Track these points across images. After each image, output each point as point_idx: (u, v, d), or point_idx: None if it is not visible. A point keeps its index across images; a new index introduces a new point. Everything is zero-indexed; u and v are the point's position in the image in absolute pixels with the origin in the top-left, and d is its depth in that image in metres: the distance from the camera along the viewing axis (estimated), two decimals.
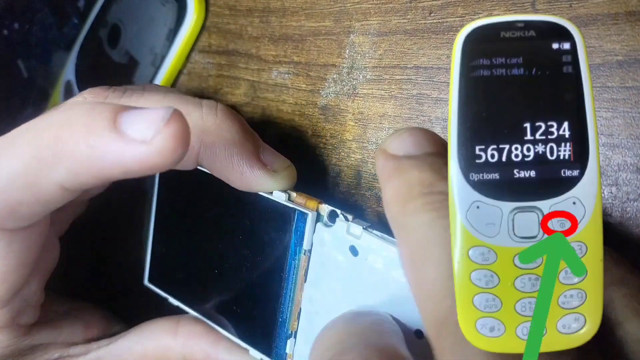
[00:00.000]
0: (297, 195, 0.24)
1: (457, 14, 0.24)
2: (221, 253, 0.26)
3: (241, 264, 0.26)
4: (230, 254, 0.26)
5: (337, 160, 0.28)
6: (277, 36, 0.30)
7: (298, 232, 0.23)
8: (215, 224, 0.27)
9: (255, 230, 0.25)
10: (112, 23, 0.36)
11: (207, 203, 0.27)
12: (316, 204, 0.23)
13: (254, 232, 0.25)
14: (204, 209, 0.27)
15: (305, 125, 0.29)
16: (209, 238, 0.27)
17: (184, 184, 0.28)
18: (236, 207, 0.25)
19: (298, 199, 0.24)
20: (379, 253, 0.21)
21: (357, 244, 0.22)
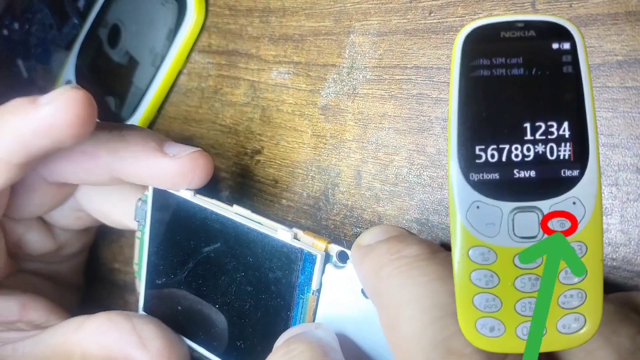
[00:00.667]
0: (304, 233, 0.23)
1: (457, 14, 0.24)
2: (222, 288, 0.26)
3: (244, 301, 0.25)
4: (232, 290, 0.26)
5: (337, 160, 0.28)
6: (277, 36, 0.30)
7: (305, 273, 0.23)
8: (215, 259, 0.26)
9: (259, 267, 0.24)
10: (112, 23, 0.36)
11: (206, 237, 0.26)
12: (325, 243, 0.23)
13: (258, 269, 0.24)
14: (202, 243, 0.27)
15: (305, 125, 0.29)
16: (209, 272, 0.26)
17: (181, 217, 0.27)
18: (238, 244, 0.25)
19: (305, 238, 0.23)
20: None
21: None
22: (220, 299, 0.26)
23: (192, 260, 0.27)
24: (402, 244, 0.18)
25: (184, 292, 0.28)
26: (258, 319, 0.25)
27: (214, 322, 0.27)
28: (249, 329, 0.25)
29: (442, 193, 0.25)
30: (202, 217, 0.26)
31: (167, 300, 0.29)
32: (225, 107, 0.32)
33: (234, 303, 0.26)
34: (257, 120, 0.31)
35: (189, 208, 0.26)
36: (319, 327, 0.22)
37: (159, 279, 0.29)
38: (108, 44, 0.36)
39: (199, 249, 0.27)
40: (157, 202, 0.28)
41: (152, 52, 0.34)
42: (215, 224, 0.26)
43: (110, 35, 0.36)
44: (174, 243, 0.28)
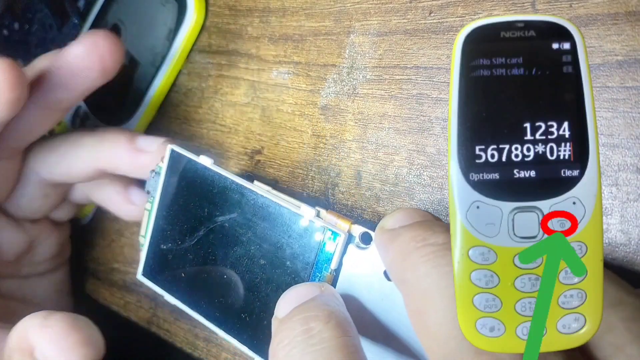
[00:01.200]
0: (327, 212, 0.23)
1: (457, 14, 0.24)
2: (234, 259, 0.26)
3: (256, 274, 0.25)
4: (243, 262, 0.25)
5: (337, 160, 0.28)
6: (277, 36, 0.30)
7: (325, 251, 0.23)
8: (229, 229, 0.26)
9: (276, 242, 0.24)
10: (112, 23, 0.36)
11: (222, 206, 0.26)
12: (349, 224, 0.23)
13: (275, 244, 0.24)
14: (217, 212, 0.26)
15: (305, 125, 0.29)
16: (221, 242, 0.26)
17: (196, 184, 0.27)
18: (256, 216, 0.25)
19: (328, 217, 0.23)
20: None
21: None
22: (230, 269, 0.26)
23: (204, 228, 0.27)
24: (428, 231, 0.18)
25: (191, 259, 0.27)
26: (268, 293, 0.25)
27: (220, 293, 0.26)
28: (256, 302, 0.25)
29: (442, 193, 0.25)
30: (221, 186, 0.26)
31: (170, 266, 0.28)
32: (225, 107, 0.32)
33: (245, 275, 0.25)
34: (257, 120, 0.31)
35: (207, 176, 0.26)
36: (325, 289, 0.21)
37: (164, 244, 0.28)
38: None
39: (212, 217, 0.26)
40: (172, 169, 0.28)
41: (152, 52, 0.34)
42: (234, 194, 0.25)
43: None
44: (186, 209, 0.27)
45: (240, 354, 0.32)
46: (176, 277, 0.28)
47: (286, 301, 0.21)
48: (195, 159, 0.26)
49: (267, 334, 0.24)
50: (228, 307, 0.26)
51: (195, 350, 0.34)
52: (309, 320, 0.19)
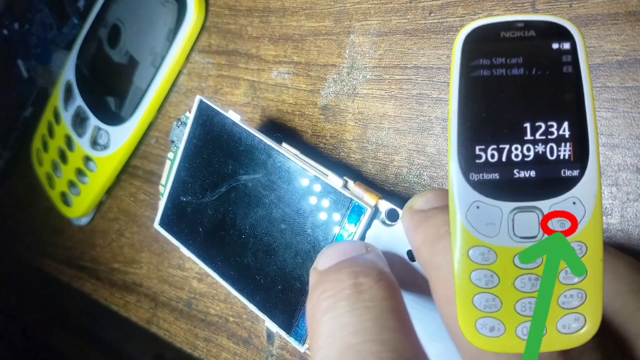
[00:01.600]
0: (355, 184, 0.22)
1: (457, 14, 0.24)
2: (253, 220, 0.25)
3: (275, 238, 0.24)
4: (263, 224, 0.25)
5: (337, 160, 0.28)
6: (277, 36, 0.30)
7: (349, 223, 0.22)
8: (252, 189, 0.25)
9: (299, 208, 0.23)
10: (112, 23, 0.36)
11: (247, 165, 0.25)
12: (376, 198, 0.22)
13: (298, 210, 0.23)
14: (242, 170, 0.25)
15: (305, 125, 0.29)
16: (242, 201, 0.25)
17: (223, 139, 0.26)
18: (281, 179, 0.24)
19: (356, 189, 0.22)
20: None
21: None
22: (249, 230, 0.25)
23: (226, 185, 0.26)
24: None
25: (210, 215, 0.27)
26: (285, 258, 0.24)
27: (236, 252, 0.26)
28: (272, 265, 0.24)
29: None
30: (247, 144, 0.25)
31: (188, 219, 0.28)
32: (225, 107, 0.32)
33: (263, 237, 0.25)
34: (257, 120, 0.31)
35: (234, 132, 0.25)
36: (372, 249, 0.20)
37: (184, 196, 0.28)
38: (108, 44, 0.36)
39: (236, 175, 0.26)
40: (199, 120, 0.27)
41: (152, 52, 0.34)
42: (260, 154, 0.25)
43: (110, 35, 0.36)
44: (209, 164, 0.26)
45: (240, 354, 0.32)
46: (193, 230, 0.27)
47: (330, 254, 0.19)
48: (224, 112, 0.26)
49: (281, 297, 0.24)
50: (243, 267, 0.25)
51: (195, 350, 0.34)
52: (358, 274, 0.18)
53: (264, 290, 0.25)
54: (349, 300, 0.17)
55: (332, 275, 0.18)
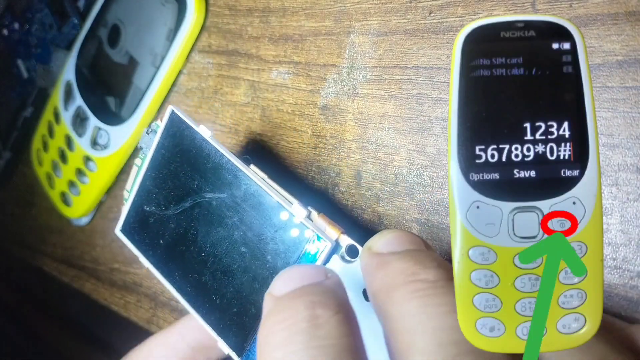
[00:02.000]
0: (319, 216, 0.22)
1: (457, 14, 0.24)
2: (215, 239, 0.25)
3: (234, 260, 0.24)
4: (224, 245, 0.25)
5: (337, 160, 0.28)
6: (277, 36, 0.30)
7: (308, 255, 0.22)
8: (216, 208, 0.25)
9: (261, 234, 0.24)
10: (112, 23, 0.36)
11: (213, 183, 0.25)
12: (338, 233, 0.22)
13: (259, 235, 0.24)
14: (207, 187, 0.25)
15: (305, 125, 0.29)
16: (205, 219, 0.25)
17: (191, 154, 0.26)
18: (246, 202, 0.24)
19: (319, 221, 0.22)
20: None
21: None
22: (209, 248, 0.25)
23: (191, 200, 0.26)
24: (419, 265, 0.17)
25: (172, 228, 0.26)
26: (243, 282, 0.24)
27: (195, 269, 0.26)
28: (230, 287, 0.24)
29: (442, 193, 0.25)
30: (215, 162, 0.25)
31: (150, 230, 0.27)
32: (225, 107, 0.32)
33: (223, 258, 0.24)
34: (257, 120, 0.31)
35: (203, 148, 0.25)
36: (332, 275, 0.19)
37: (148, 206, 0.27)
38: (108, 44, 0.36)
39: (201, 191, 0.25)
40: (169, 131, 0.26)
41: (152, 52, 0.34)
42: (227, 174, 0.24)
43: (110, 35, 0.36)
44: (175, 176, 0.26)
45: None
46: (154, 241, 0.27)
47: (287, 278, 0.18)
48: (194, 127, 0.25)
49: (235, 320, 0.24)
50: (201, 285, 0.25)
51: None
52: (315, 305, 0.17)
53: (219, 310, 0.25)
54: (304, 336, 0.16)
55: (287, 303, 0.17)
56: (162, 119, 0.27)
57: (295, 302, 0.17)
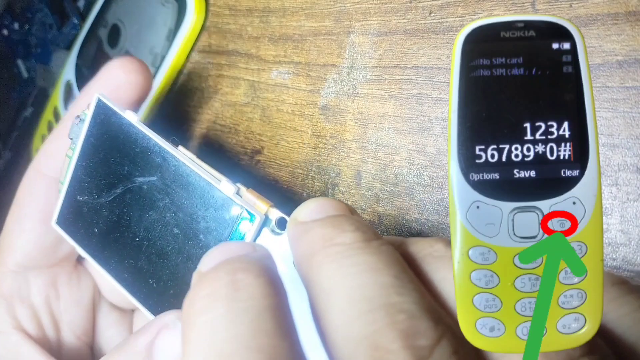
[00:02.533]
0: (247, 191, 0.23)
1: (457, 14, 0.24)
2: (147, 223, 0.25)
3: (168, 242, 0.24)
4: (157, 228, 0.25)
5: (337, 160, 0.28)
6: (277, 36, 0.30)
7: (239, 231, 0.22)
8: (147, 192, 0.25)
9: (192, 213, 0.24)
10: (112, 23, 0.36)
11: (142, 167, 0.25)
12: (267, 206, 0.22)
13: (191, 215, 0.24)
14: (137, 172, 0.25)
15: (305, 125, 0.29)
16: (137, 203, 0.25)
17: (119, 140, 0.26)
18: (175, 183, 0.24)
19: (248, 196, 0.23)
20: None
21: None
22: (143, 233, 0.25)
23: (122, 186, 0.26)
24: (337, 230, 0.17)
25: (105, 216, 0.26)
26: (178, 263, 0.24)
27: (130, 255, 0.26)
28: (165, 270, 0.24)
29: (442, 193, 0.25)
30: (143, 146, 0.25)
31: (85, 219, 0.27)
32: (225, 107, 0.32)
33: (157, 241, 0.25)
34: (257, 120, 0.31)
35: (130, 133, 0.25)
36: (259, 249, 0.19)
37: (80, 196, 0.27)
38: (108, 44, 0.36)
39: (131, 177, 0.25)
40: (96, 119, 0.26)
41: (152, 52, 0.34)
42: (155, 157, 0.24)
43: (110, 35, 0.36)
44: (106, 164, 0.26)
45: None
46: (89, 231, 0.27)
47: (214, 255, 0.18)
48: (120, 112, 0.25)
49: (172, 303, 0.24)
50: (137, 271, 0.25)
51: None
52: (237, 271, 0.16)
53: (157, 294, 0.25)
54: (224, 301, 0.15)
55: (211, 274, 0.17)
56: (89, 106, 0.26)
57: (218, 272, 0.17)
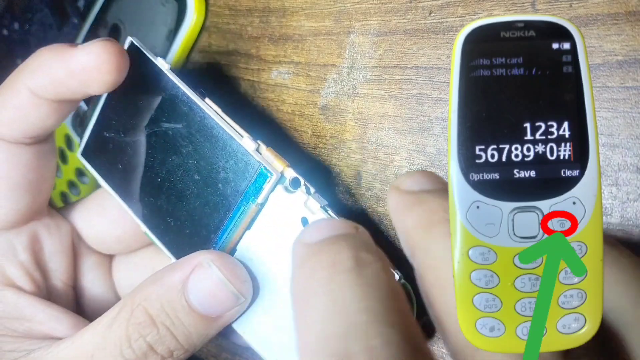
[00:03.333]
0: (267, 149, 0.24)
1: (457, 14, 0.24)
2: (170, 166, 0.26)
3: (188, 186, 0.26)
4: (179, 171, 0.26)
5: (337, 160, 0.28)
6: (277, 36, 0.30)
7: (256, 185, 0.24)
8: (172, 137, 0.26)
9: (213, 163, 0.25)
10: (112, 23, 0.36)
11: (169, 114, 0.26)
12: (284, 166, 0.24)
13: (212, 164, 0.25)
14: (164, 117, 0.26)
15: (305, 125, 0.29)
16: (161, 147, 0.26)
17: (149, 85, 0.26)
18: (200, 133, 0.25)
19: (267, 154, 0.24)
20: None
21: (310, 218, 0.23)
22: (165, 175, 0.26)
23: (148, 129, 0.27)
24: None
25: (130, 154, 0.27)
26: (195, 206, 0.25)
27: (150, 193, 0.27)
28: (183, 211, 0.26)
29: None
30: (171, 94, 0.26)
31: (109, 155, 0.28)
32: None
33: (177, 184, 0.26)
34: (257, 120, 0.31)
35: (160, 79, 0.26)
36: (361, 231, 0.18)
37: (107, 132, 0.28)
38: None
39: (158, 121, 0.26)
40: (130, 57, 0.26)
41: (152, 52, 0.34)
42: (183, 106, 0.25)
43: (110, 35, 0.36)
44: (134, 105, 0.27)
45: (240, 353, 0.32)
46: (113, 166, 0.28)
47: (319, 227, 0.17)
48: (152, 59, 0.26)
49: (187, 241, 0.26)
50: (156, 208, 0.27)
51: None
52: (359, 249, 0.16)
53: (173, 232, 0.26)
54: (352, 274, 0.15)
55: (328, 246, 0.16)
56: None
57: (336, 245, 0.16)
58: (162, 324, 0.23)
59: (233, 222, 0.24)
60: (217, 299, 0.23)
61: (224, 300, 0.23)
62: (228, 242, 0.25)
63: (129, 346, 0.22)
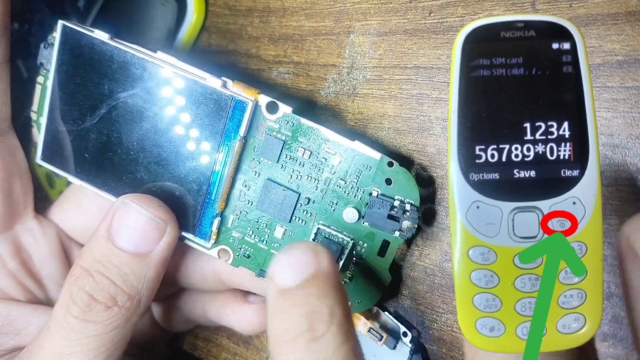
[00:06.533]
0: (234, 83, 0.23)
1: (457, 14, 0.24)
2: (140, 135, 0.25)
3: (164, 149, 0.25)
4: (151, 137, 0.25)
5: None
6: (277, 36, 0.30)
7: (234, 120, 0.23)
8: (133, 105, 0.25)
9: (184, 115, 0.24)
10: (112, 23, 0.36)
11: (123, 82, 0.25)
12: (255, 93, 0.23)
13: (183, 117, 0.24)
14: (118, 88, 0.25)
15: None
16: (124, 119, 0.26)
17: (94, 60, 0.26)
18: (160, 90, 0.24)
19: (235, 88, 0.23)
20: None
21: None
22: (137, 145, 0.25)
23: (105, 106, 0.26)
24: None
25: (94, 139, 0.27)
26: (177, 165, 0.25)
27: (127, 169, 0.26)
28: (166, 175, 0.25)
29: (442, 193, 0.25)
30: (120, 61, 0.25)
31: (72, 148, 0.27)
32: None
33: (152, 149, 0.25)
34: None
35: (104, 51, 0.25)
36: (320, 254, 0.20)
37: (63, 125, 0.27)
38: None
39: (114, 94, 0.25)
40: (66, 43, 0.26)
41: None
42: (135, 69, 0.25)
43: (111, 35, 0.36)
44: (84, 88, 0.26)
45: (240, 353, 0.32)
46: (79, 158, 0.27)
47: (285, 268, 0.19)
48: (90, 33, 0.25)
49: (179, 204, 0.25)
50: (137, 183, 0.26)
51: (195, 350, 0.34)
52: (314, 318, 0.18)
53: (162, 200, 0.25)
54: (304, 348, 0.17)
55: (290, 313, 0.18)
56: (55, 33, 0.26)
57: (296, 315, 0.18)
58: (97, 272, 0.23)
59: (221, 165, 0.24)
60: (141, 232, 0.23)
61: (148, 232, 0.23)
62: (222, 187, 0.24)
63: (73, 302, 0.22)
